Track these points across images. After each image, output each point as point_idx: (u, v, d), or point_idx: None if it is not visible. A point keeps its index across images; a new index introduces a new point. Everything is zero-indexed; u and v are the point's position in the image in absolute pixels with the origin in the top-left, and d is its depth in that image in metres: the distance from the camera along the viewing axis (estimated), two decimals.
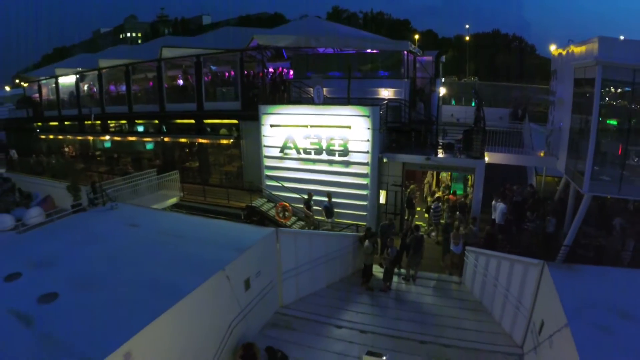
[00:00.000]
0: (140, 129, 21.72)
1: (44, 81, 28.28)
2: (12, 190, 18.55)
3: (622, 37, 11.88)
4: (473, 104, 33.53)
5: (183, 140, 18.71)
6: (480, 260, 10.98)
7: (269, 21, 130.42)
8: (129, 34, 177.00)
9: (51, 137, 26.86)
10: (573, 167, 12.75)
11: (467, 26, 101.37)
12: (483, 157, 13.53)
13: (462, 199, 15.26)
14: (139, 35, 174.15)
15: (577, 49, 12.63)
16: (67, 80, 25.65)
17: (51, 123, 27.52)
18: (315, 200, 14.86)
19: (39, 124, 28.83)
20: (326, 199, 14.86)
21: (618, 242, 12.77)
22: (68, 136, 24.97)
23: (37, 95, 29.97)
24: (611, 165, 11.89)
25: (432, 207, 14.79)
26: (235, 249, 8.94)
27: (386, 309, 10.87)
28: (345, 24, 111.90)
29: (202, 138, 17.78)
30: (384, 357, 7.62)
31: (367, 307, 10.93)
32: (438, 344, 9.39)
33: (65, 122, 25.86)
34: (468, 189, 16.88)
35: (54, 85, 26.42)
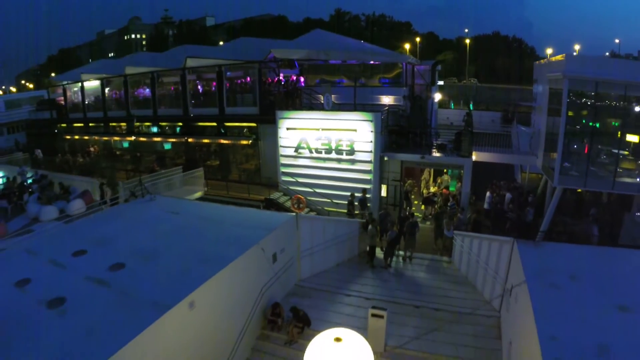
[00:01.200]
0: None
1: (68, 85, 30.47)
2: (51, 185, 20.63)
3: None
4: (471, 107, 35.44)
5: (206, 140, 20.91)
6: (466, 241, 13.10)
7: (273, 24, 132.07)
8: (133, 36, 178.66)
9: (76, 137, 29.01)
10: (547, 164, 14.84)
11: (467, 30, 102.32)
12: (470, 155, 15.66)
13: (455, 194, 17.42)
14: (144, 36, 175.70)
15: (551, 62, 14.75)
16: (92, 84, 27.81)
17: (75, 124, 29.68)
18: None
19: (63, 125, 30.96)
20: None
21: (589, 228, 14.88)
22: (94, 137, 27.07)
23: (61, 98, 32.11)
24: (579, 162, 13.97)
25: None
26: (265, 229, 11.09)
27: (387, 282, 13.00)
28: (347, 27, 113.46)
29: (224, 139, 19.97)
30: (385, 311, 9.73)
31: (371, 280, 13.07)
32: (429, 308, 11.52)
33: (90, 124, 28.04)
34: (457, 184, 18.96)
35: (75, 89, 28.63)
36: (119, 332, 6.87)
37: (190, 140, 21.02)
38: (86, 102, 27.90)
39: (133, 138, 23.74)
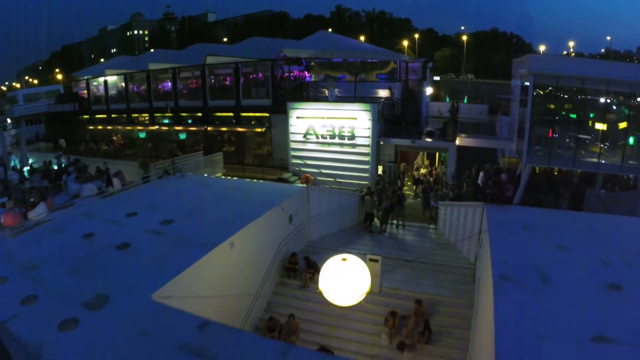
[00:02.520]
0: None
1: (91, 80, 33.01)
2: (85, 168, 23.19)
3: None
4: (465, 101, 37.92)
5: (224, 129, 23.55)
6: (449, 209, 15.75)
7: (274, 20, 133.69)
8: (135, 32, 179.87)
9: (99, 127, 31.57)
10: (519, 147, 17.40)
11: (463, 27, 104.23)
12: (454, 140, 18.26)
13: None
14: (146, 32, 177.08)
15: (521, 60, 17.35)
16: (114, 79, 30.29)
17: (98, 116, 32.23)
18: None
19: (86, 116, 33.50)
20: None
21: (557, 202, 17.46)
22: (117, 127, 29.64)
23: (83, 91, 34.63)
24: (544, 144, 16.54)
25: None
26: (283, 195, 13.74)
27: (382, 243, 15.66)
28: (348, 23, 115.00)
29: (240, 127, 22.59)
30: (380, 257, 12.36)
31: (369, 242, 15.74)
32: (417, 261, 14.19)
33: (112, 115, 30.59)
34: (443, 167, 21.55)
35: (95, 83, 31.10)
36: (178, 262, 9.43)
37: (209, 128, 23.65)
38: (109, 95, 30.43)
39: (156, 127, 26.31)
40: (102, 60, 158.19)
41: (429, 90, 25.35)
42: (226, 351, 6.68)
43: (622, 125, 16.76)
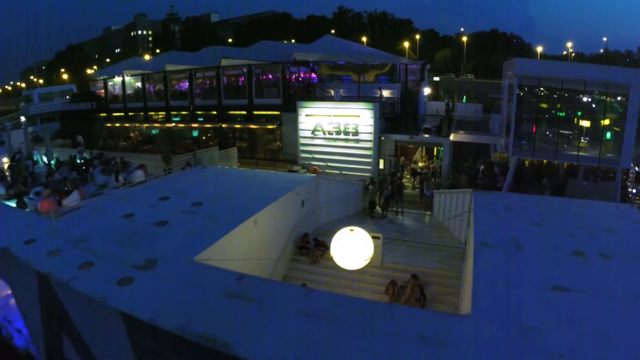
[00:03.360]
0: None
1: (108, 80, 34.94)
2: (109, 161, 25.09)
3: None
4: (464, 100, 39.62)
5: (237, 126, 25.49)
6: (442, 197, 17.59)
7: (277, 20, 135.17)
8: (140, 32, 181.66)
9: (117, 124, 33.50)
10: (507, 142, 19.22)
11: (462, 29, 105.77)
12: (448, 136, 20.12)
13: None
14: (150, 33, 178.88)
15: (509, 63, 19.18)
16: (131, 79, 32.19)
17: (115, 114, 34.14)
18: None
19: (103, 114, 35.42)
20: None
21: (541, 191, 19.29)
22: (135, 124, 31.56)
23: (101, 91, 36.55)
24: (529, 138, 18.35)
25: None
26: (297, 182, 15.62)
27: (383, 226, 17.49)
28: (350, 24, 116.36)
29: (252, 124, 24.52)
30: (381, 235, 14.21)
31: (372, 225, 17.57)
32: (414, 241, 16.02)
33: (130, 113, 32.50)
34: (439, 160, 23.45)
35: (111, 83, 33.00)
36: (212, 234, 11.29)
37: (223, 126, 25.58)
38: (127, 94, 32.36)
39: (172, 125, 28.22)
40: (107, 60, 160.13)
41: (426, 91, 27.24)
42: (261, 294, 8.54)
43: (604, 122, 18.62)
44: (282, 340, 7.08)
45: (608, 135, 18.29)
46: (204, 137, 27.79)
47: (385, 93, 23.18)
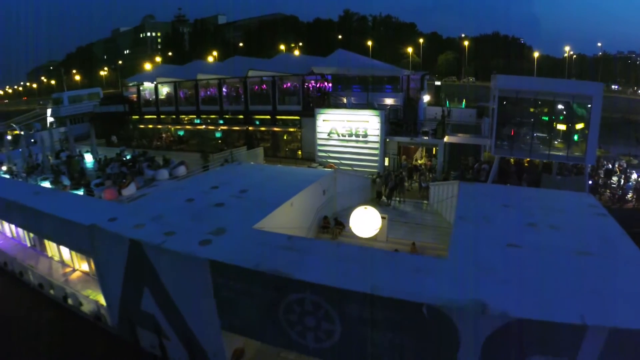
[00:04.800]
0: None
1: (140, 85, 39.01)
2: (153, 158, 29.05)
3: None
4: (463, 104, 43.14)
5: (262, 128, 29.55)
6: (436, 188, 21.51)
7: (285, 23, 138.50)
8: (149, 34, 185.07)
9: (150, 126, 37.55)
10: (491, 143, 23.11)
11: (462, 35, 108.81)
12: (443, 138, 24.04)
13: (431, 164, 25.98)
14: (159, 34, 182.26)
15: (494, 77, 23.08)
16: (163, 85, 36.25)
17: (147, 116, 38.15)
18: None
19: (136, 117, 39.42)
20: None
21: (521, 185, 23.15)
22: (167, 126, 35.64)
23: (132, 95, 40.56)
24: (509, 140, 22.23)
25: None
26: (319, 176, 19.58)
27: (388, 212, 21.27)
28: (355, 27, 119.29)
29: (276, 127, 28.57)
30: (387, 215, 18.11)
31: (378, 211, 21.40)
32: (412, 223, 19.96)
33: (161, 116, 36.54)
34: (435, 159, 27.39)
35: (141, 88, 37.11)
36: (261, 211, 15.20)
37: (250, 128, 29.64)
38: (159, 99, 36.45)
39: (203, 127, 32.29)
40: (120, 62, 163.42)
41: (426, 98, 31.07)
42: (306, 247, 12.50)
43: (573, 126, 22.45)
44: (323, 272, 11.00)
45: (575, 137, 22.17)
46: (226, 138, 31.76)
47: (390, 101, 27.13)
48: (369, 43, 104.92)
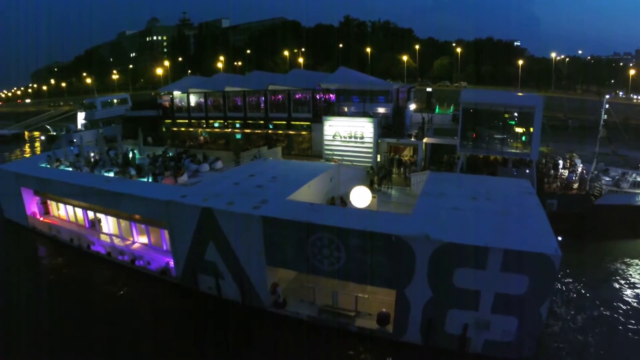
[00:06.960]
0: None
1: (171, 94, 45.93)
2: (195, 155, 35.70)
3: None
4: (451, 110, 49.44)
5: (279, 131, 36.62)
6: (415, 177, 28.51)
7: (287, 28, 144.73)
8: (154, 37, 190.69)
9: (182, 129, 44.37)
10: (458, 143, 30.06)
11: (454, 44, 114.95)
12: (422, 139, 31.04)
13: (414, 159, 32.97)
14: (164, 38, 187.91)
15: (461, 91, 30.11)
16: (193, 94, 43.21)
17: (179, 120, 44.89)
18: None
19: (169, 120, 46.06)
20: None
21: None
22: (199, 129, 42.57)
23: (166, 102, 47.06)
24: (471, 140, 29.18)
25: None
26: (327, 167, 26.59)
27: (379, 195, 28.33)
28: (355, 32, 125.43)
29: (290, 131, 35.68)
30: (377, 195, 25.07)
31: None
32: (398, 202, 26.93)
33: (192, 120, 43.37)
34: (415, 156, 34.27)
35: (171, 96, 44.29)
36: (289, 189, 22.19)
37: (269, 131, 36.76)
38: (190, 106, 43.40)
39: (229, 130, 39.34)
40: (130, 66, 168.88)
41: (412, 106, 38.08)
42: (325, 210, 19.57)
43: (520, 129, 29.35)
44: (334, 220, 17.99)
45: (523, 138, 29.10)
46: (245, 140, 38.77)
47: (382, 110, 34.16)
48: (368, 50, 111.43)
